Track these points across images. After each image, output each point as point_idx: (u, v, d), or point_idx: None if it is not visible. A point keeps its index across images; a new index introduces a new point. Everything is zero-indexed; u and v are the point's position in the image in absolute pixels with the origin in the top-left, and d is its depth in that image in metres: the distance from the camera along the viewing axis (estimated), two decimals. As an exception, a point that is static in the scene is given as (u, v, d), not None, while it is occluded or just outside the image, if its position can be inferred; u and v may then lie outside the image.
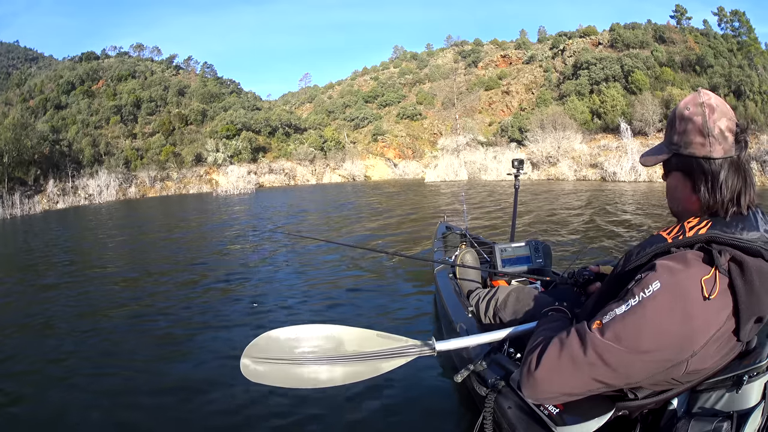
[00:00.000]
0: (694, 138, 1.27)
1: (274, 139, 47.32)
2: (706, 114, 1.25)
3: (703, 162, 1.26)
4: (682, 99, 1.33)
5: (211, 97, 51.51)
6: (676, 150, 1.32)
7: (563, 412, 1.42)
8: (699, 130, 1.26)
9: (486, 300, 2.46)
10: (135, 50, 59.15)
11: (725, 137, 1.25)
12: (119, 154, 40.53)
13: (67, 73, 49.19)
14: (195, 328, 4.80)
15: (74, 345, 4.54)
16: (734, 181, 1.25)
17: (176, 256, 9.17)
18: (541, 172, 27.87)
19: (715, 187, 1.25)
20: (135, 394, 3.39)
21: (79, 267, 8.79)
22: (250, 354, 1.69)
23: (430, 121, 49.43)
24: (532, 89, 45.65)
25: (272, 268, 7.43)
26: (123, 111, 45.72)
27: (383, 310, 4.98)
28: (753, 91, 28.89)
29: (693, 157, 1.28)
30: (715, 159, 1.25)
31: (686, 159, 1.30)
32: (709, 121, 1.25)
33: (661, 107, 29.06)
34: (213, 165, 40.84)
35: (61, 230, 16.43)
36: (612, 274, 1.41)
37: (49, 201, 31.46)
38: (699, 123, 1.26)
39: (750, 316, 1.14)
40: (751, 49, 34.76)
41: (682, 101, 1.34)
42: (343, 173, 42.29)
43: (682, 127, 1.30)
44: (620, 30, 43.22)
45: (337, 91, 62.89)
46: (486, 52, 58.69)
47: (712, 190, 1.25)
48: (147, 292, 6.39)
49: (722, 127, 1.25)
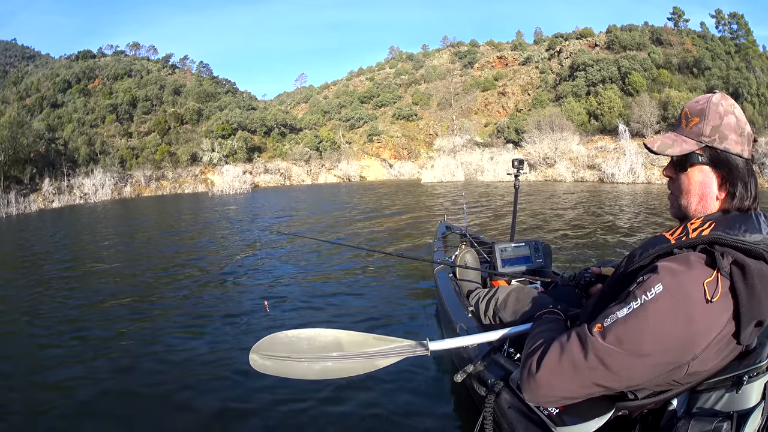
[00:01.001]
0: (730, 134, 1.27)
1: (270, 138, 47.34)
2: (738, 114, 1.28)
3: (738, 159, 1.28)
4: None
5: (207, 96, 51.52)
6: (709, 143, 1.29)
7: (563, 412, 1.41)
8: (734, 128, 1.27)
9: (486, 300, 2.45)
10: (131, 49, 59.10)
11: (750, 141, 1.29)
12: (115, 153, 40.52)
13: (63, 72, 49.09)
14: (195, 327, 4.80)
15: (76, 344, 4.52)
16: (754, 181, 1.30)
17: (176, 256, 9.12)
18: (539, 173, 27.91)
19: (748, 185, 1.27)
20: (139, 390, 3.41)
21: (78, 268, 8.71)
22: (257, 350, 1.84)
23: (425, 122, 49.55)
24: (528, 90, 45.81)
25: (272, 268, 7.39)
26: (119, 110, 45.71)
27: (383, 309, 4.98)
28: (751, 93, 29.13)
29: (729, 152, 1.28)
30: (745, 158, 1.28)
31: (721, 154, 1.29)
32: (741, 121, 1.28)
33: (659, 109, 29.18)
34: (208, 164, 40.83)
35: (57, 229, 16.35)
36: (614, 274, 1.40)
37: (45, 200, 31.35)
38: (734, 121, 1.27)
39: (751, 319, 1.14)
40: (749, 51, 34.94)
41: (709, 96, 1.32)
42: (338, 173, 42.34)
43: (716, 122, 1.28)
44: (617, 32, 43.40)
45: (333, 92, 62.98)
46: (482, 53, 58.88)
47: (745, 186, 1.27)
48: (147, 295, 6.33)
49: (748, 130, 1.29)
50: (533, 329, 1.62)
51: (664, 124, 28.54)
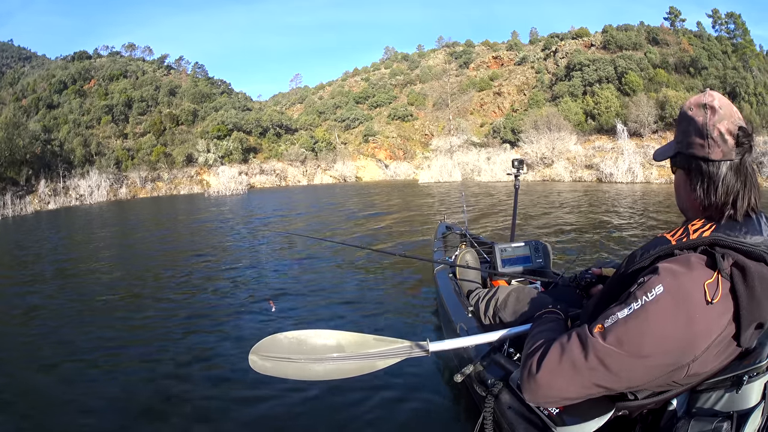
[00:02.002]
0: (694, 138, 1.28)
1: (265, 139, 47.22)
2: (707, 116, 1.26)
3: (702, 163, 1.27)
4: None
5: (202, 97, 51.35)
6: (680, 149, 1.34)
7: (563, 412, 1.41)
8: (698, 131, 1.27)
9: (486, 300, 2.46)
10: (127, 50, 58.86)
11: (725, 140, 1.24)
12: (110, 154, 40.34)
13: (59, 73, 48.89)
14: (195, 327, 4.82)
15: (77, 344, 4.53)
16: (732, 185, 1.24)
17: (176, 259, 9.11)
18: (537, 173, 27.84)
19: (710, 189, 1.25)
20: (139, 390, 3.43)
21: (78, 269, 8.73)
22: (257, 351, 1.83)
23: (421, 122, 49.40)
24: (524, 90, 45.73)
25: (271, 269, 7.40)
26: (114, 111, 45.52)
27: (383, 310, 4.99)
28: (748, 92, 29.17)
29: (693, 156, 1.29)
30: (713, 161, 1.25)
31: (687, 158, 1.31)
32: (708, 123, 1.25)
33: (657, 109, 29.10)
34: (204, 165, 40.66)
35: (53, 231, 16.30)
36: (615, 275, 1.40)
37: (41, 201, 31.17)
38: (699, 124, 1.27)
39: (750, 321, 1.14)
40: (747, 51, 34.99)
41: (687, 100, 1.34)
42: (334, 174, 42.27)
43: (684, 127, 1.31)
44: (613, 32, 43.34)
45: (328, 92, 62.77)
46: (477, 53, 58.81)
47: (707, 191, 1.26)
48: (147, 298, 6.31)
49: (722, 129, 1.24)
50: (533, 329, 1.62)
51: (662, 124, 28.51)
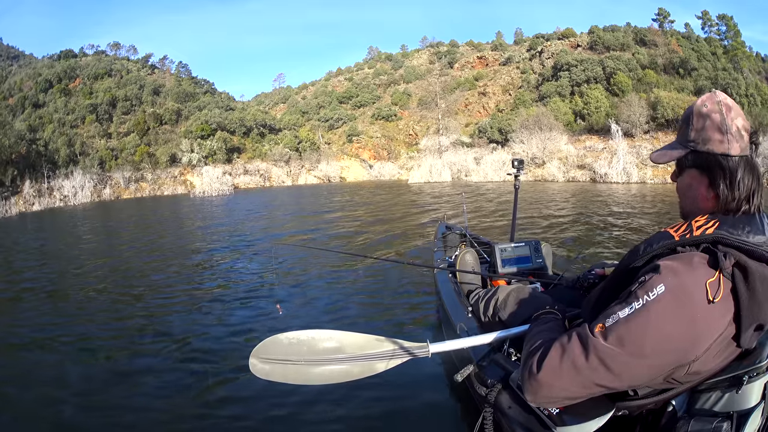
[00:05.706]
0: (713, 134, 1.29)
1: (249, 139, 46.89)
2: (723, 112, 1.29)
3: (722, 159, 1.28)
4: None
5: (186, 96, 50.99)
6: (694, 147, 1.34)
7: (563, 412, 1.42)
8: (717, 127, 1.28)
9: (486, 300, 2.46)
10: (112, 49, 58.05)
11: (742, 135, 1.28)
12: (94, 154, 39.86)
13: (45, 71, 48.17)
14: (196, 328, 4.81)
15: (76, 344, 4.53)
16: (749, 180, 1.27)
17: (171, 262, 8.96)
18: (528, 173, 27.70)
19: (734, 184, 1.26)
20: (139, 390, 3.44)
21: (79, 269, 8.59)
22: (257, 354, 1.82)
23: (405, 122, 49.34)
24: (509, 91, 45.88)
25: (271, 272, 7.33)
26: (99, 110, 45.00)
27: (384, 311, 5.00)
28: (739, 94, 29.39)
29: (711, 153, 1.30)
30: (733, 156, 1.28)
31: (704, 155, 1.32)
32: (727, 118, 1.28)
33: (648, 109, 29.12)
34: (188, 166, 40.27)
35: (41, 234, 16.06)
36: (617, 268, 1.40)
37: (25, 203, 30.70)
38: (717, 120, 1.29)
39: (751, 322, 1.14)
40: (738, 53, 35.28)
41: (698, 99, 1.36)
42: (318, 174, 42.11)
43: (699, 124, 1.32)
44: (599, 32, 43.65)
45: (311, 92, 62.44)
46: (462, 53, 58.99)
47: (731, 186, 1.27)
48: (147, 302, 6.22)
49: (739, 125, 1.28)
50: (531, 329, 1.61)
51: (654, 124, 28.62)
